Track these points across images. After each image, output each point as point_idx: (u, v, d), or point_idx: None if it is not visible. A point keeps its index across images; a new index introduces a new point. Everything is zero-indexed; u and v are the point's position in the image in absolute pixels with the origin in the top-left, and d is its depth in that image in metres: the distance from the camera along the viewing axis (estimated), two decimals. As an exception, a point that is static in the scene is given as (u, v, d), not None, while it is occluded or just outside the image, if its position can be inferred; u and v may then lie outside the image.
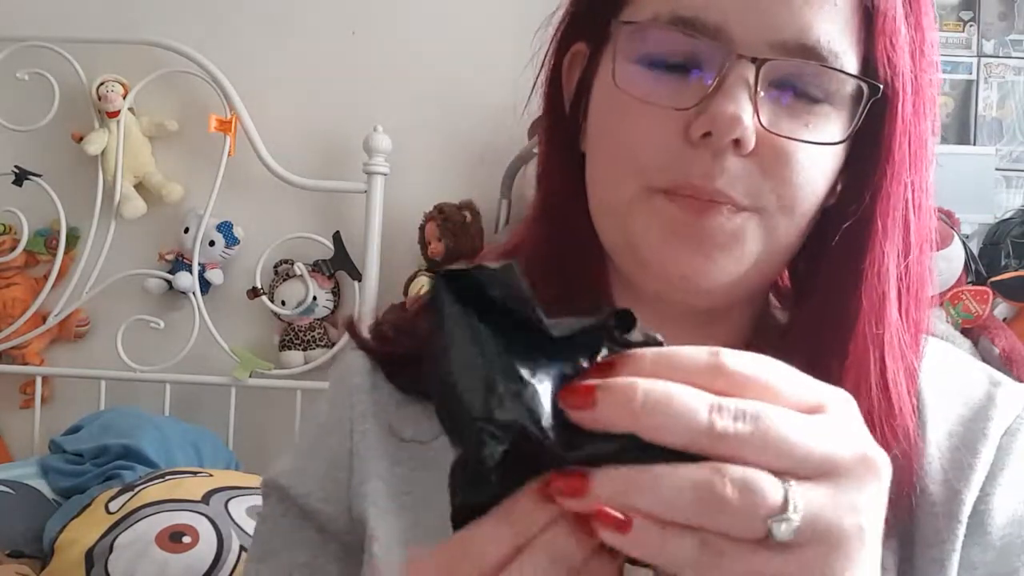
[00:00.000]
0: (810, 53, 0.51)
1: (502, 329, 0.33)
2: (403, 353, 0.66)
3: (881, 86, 0.53)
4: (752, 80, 0.51)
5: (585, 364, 0.34)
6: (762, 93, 0.51)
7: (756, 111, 0.51)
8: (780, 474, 0.33)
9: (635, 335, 0.35)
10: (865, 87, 0.53)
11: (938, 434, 0.58)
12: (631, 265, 0.57)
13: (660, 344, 0.35)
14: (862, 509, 0.35)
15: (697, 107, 0.51)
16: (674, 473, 0.33)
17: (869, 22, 0.53)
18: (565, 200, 0.61)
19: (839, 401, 0.37)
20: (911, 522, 0.57)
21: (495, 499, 0.34)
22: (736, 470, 0.33)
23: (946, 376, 0.61)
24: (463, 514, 0.35)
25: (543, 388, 0.33)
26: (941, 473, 0.57)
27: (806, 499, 0.33)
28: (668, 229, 0.53)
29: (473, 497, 0.34)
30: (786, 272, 0.63)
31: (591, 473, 0.33)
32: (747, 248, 0.53)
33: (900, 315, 0.56)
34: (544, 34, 0.64)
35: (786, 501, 0.33)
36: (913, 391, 0.57)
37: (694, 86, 0.52)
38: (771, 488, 0.33)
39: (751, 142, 0.51)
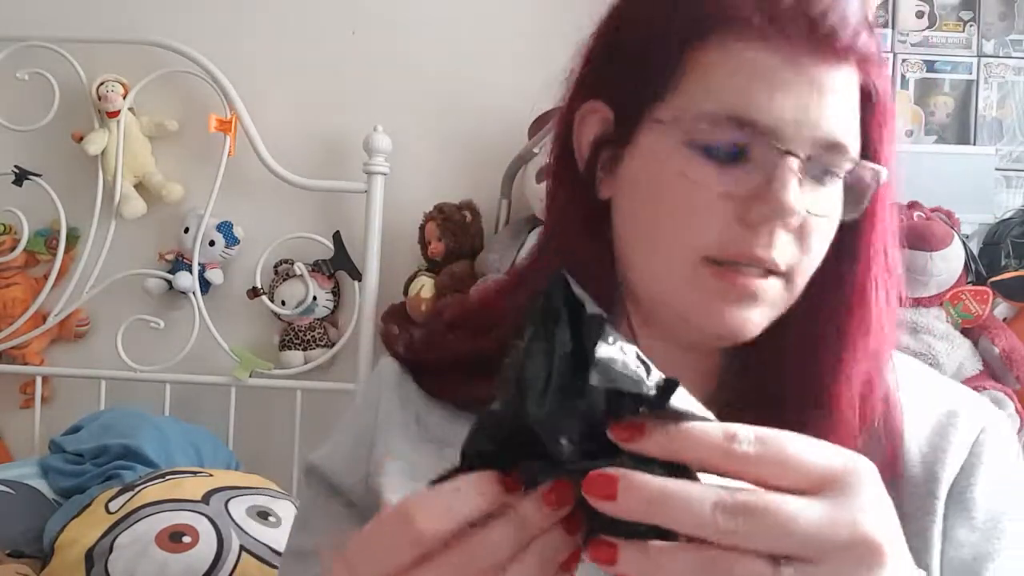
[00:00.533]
0: (838, 146, 0.62)
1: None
2: (432, 362, 0.76)
3: (883, 171, 0.65)
4: (799, 172, 0.61)
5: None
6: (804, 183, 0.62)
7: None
8: (779, 557, 0.38)
9: (676, 402, 0.40)
10: (879, 171, 0.65)
11: (914, 427, 0.68)
12: (671, 317, 0.66)
13: (695, 416, 0.40)
14: None
15: (753, 194, 0.61)
16: (681, 558, 0.38)
17: (864, 109, 0.65)
18: (580, 241, 0.69)
19: (852, 473, 0.40)
20: (897, 500, 0.62)
21: (498, 460, 0.41)
22: (728, 560, 0.38)
23: (918, 384, 0.72)
24: (473, 457, 0.41)
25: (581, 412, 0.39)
26: (919, 456, 0.67)
27: None
28: (718, 295, 0.63)
29: (487, 445, 0.41)
30: None
31: (620, 548, 0.39)
32: (775, 304, 0.64)
33: (883, 328, 0.68)
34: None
35: None
36: (888, 389, 0.68)
37: (747, 174, 0.61)
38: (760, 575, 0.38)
39: (798, 223, 0.62)
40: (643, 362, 0.40)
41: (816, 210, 0.63)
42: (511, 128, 1.87)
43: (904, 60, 1.94)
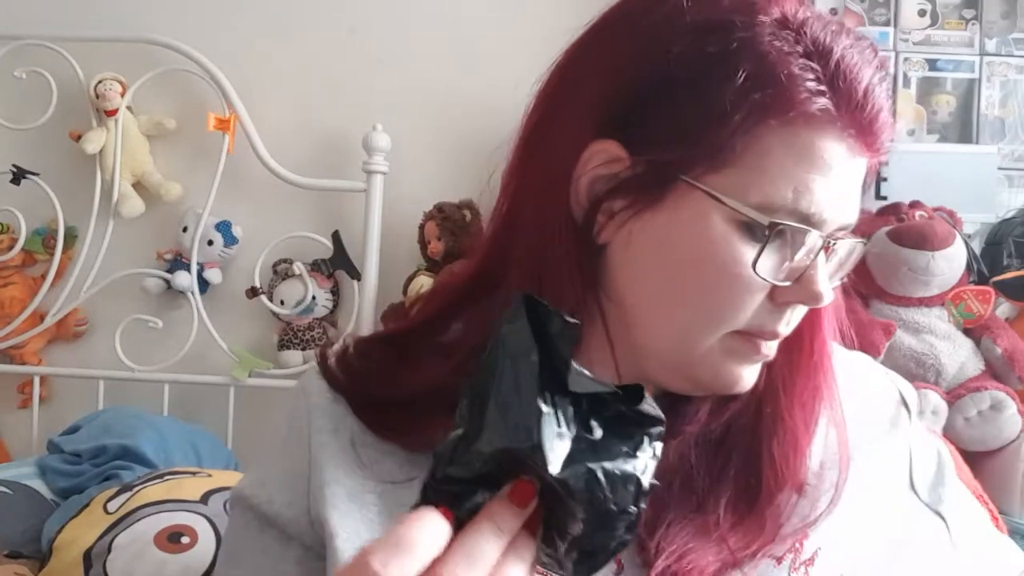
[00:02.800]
0: (849, 227, 0.65)
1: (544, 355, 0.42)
2: (380, 398, 0.71)
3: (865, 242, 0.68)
4: (824, 256, 0.63)
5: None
6: None
7: None
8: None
9: (644, 407, 0.43)
10: (865, 243, 0.67)
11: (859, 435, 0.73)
12: (668, 368, 0.66)
13: (660, 419, 0.44)
14: None
15: (786, 277, 0.62)
16: None
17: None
18: (561, 278, 0.66)
19: None
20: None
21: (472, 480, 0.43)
22: None
23: (855, 382, 0.76)
24: (439, 486, 0.43)
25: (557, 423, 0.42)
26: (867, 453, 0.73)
27: None
28: (734, 361, 0.65)
29: (461, 472, 0.43)
30: None
31: None
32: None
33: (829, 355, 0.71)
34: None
35: None
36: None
37: (785, 259, 0.62)
38: None
39: None
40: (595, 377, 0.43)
41: None
42: (511, 127, 1.86)
43: (906, 59, 1.93)
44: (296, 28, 2.02)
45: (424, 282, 1.86)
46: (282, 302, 1.93)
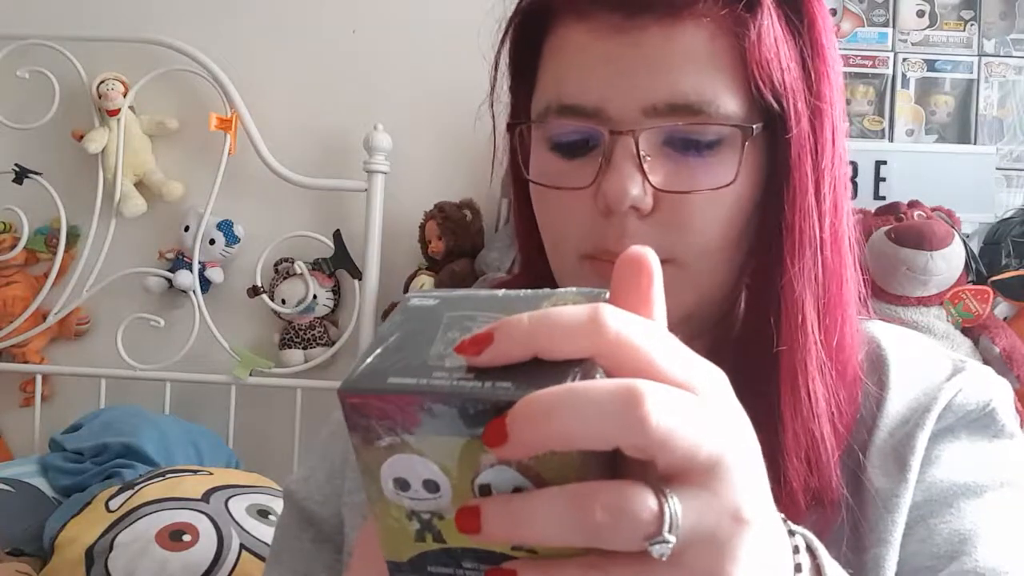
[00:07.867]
0: (682, 109, 0.55)
1: None
2: None
3: (753, 127, 0.56)
4: (634, 150, 0.55)
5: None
6: (649, 157, 0.56)
7: (645, 177, 0.56)
8: (650, 466, 0.31)
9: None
10: (739, 131, 0.56)
11: (895, 405, 0.62)
12: None
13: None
14: (739, 505, 0.32)
15: (595, 184, 0.57)
16: (549, 502, 0.30)
17: (745, 56, 0.56)
18: (537, 253, 0.66)
19: (710, 381, 0.33)
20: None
21: None
22: (607, 493, 0.30)
23: (909, 366, 0.64)
24: None
25: None
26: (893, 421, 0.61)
27: (683, 509, 0.30)
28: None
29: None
30: None
31: (482, 507, 0.31)
32: (676, 297, 0.50)
33: (820, 334, 0.59)
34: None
35: (662, 517, 0.30)
36: (831, 398, 0.59)
37: (592, 164, 0.57)
38: (644, 506, 0.30)
39: (647, 205, 0.56)
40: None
41: (678, 185, 0.56)
42: (511, 127, 1.87)
43: (905, 59, 1.94)
44: (298, 28, 2.03)
45: (425, 281, 1.86)
46: (283, 301, 1.94)
